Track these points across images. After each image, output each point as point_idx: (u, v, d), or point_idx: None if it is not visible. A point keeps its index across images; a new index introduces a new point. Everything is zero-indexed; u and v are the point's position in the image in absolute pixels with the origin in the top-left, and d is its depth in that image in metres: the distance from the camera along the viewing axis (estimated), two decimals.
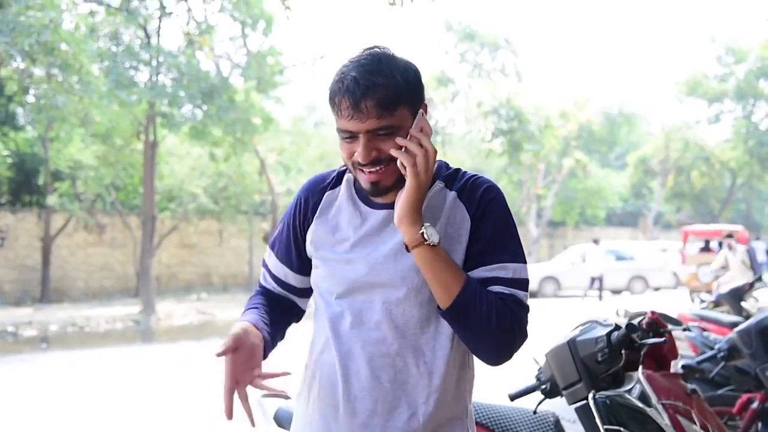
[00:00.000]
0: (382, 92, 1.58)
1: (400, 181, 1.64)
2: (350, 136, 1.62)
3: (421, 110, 1.65)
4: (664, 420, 2.51)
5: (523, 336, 1.65)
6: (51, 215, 20.28)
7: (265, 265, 1.91)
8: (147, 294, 17.10)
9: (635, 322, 2.73)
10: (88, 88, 14.39)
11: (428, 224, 1.60)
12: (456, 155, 29.25)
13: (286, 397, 2.98)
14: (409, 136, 1.61)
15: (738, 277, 12.28)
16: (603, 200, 33.79)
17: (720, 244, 13.53)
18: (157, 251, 19.76)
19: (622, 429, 2.32)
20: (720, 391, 4.14)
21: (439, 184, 1.72)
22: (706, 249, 21.21)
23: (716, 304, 6.75)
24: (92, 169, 19.69)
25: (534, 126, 26.34)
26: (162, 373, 9.45)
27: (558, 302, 20.36)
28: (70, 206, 19.77)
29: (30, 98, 16.38)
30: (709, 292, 12.15)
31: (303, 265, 1.83)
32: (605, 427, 2.33)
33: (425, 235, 1.58)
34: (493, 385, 3.77)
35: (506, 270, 1.65)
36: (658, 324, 2.93)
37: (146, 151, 17.43)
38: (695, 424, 2.81)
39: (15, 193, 21.12)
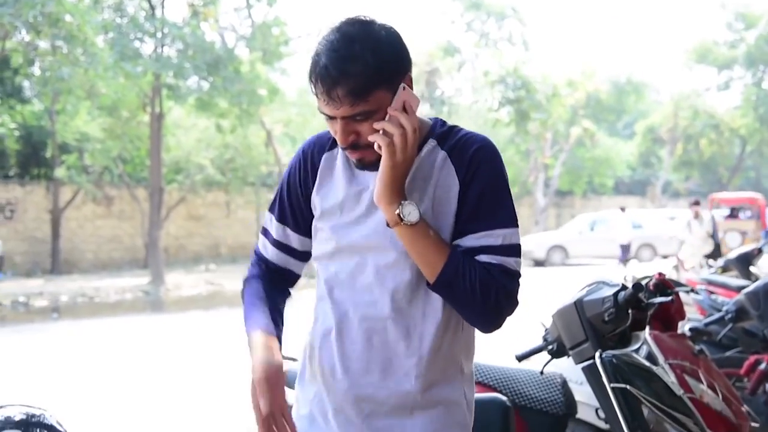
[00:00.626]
0: (353, 82, 1.53)
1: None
2: (329, 118, 1.60)
3: (403, 84, 1.59)
4: (670, 378, 2.52)
5: (511, 304, 1.62)
6: (59, 188, 20.34)
7: (264, 232, 1.88)
8: (156, 265, 17.18)
9: (643, 282, 2.74)
10: (94, 60, 14.36)
11: (407, 202, 1.57)
12: (463, 125, 28.79)
13: (293, 359, 3.01)
14: (387, 116, 1.57)
15: (701, 246, 12.44)
16: (611, 169, 33.63)
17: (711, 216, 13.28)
18: (165, 223, 19.82)
19: (628, 387, 2.32)
20: (727, 353, 4.15)
21: (431, 143, 1.68)
22: (732, 216, 21.47)
23: (724, 269, 6.76)
24: (99, 141, 19.71)
25: (541, 95, 26.15)
26: (172, 342, 9.53)
27: (566, 270, 20.37)
28: (78, 179, 19.81)
29: (35, 71, 16.36)
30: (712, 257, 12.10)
31: (304, 224, 1.81)
32: (612, 385, 2.34)
33: (401, 215, 1.56)
34: (501, 348, 3.79)
35: (495, 237, 1.61)
36: (665, 285, 2.93)
37: (152, 123, 17.42)
38: (702, 383, 2.82)
39: (23, 166, 21.17)
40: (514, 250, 1.63)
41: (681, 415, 2.34)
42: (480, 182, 1.63)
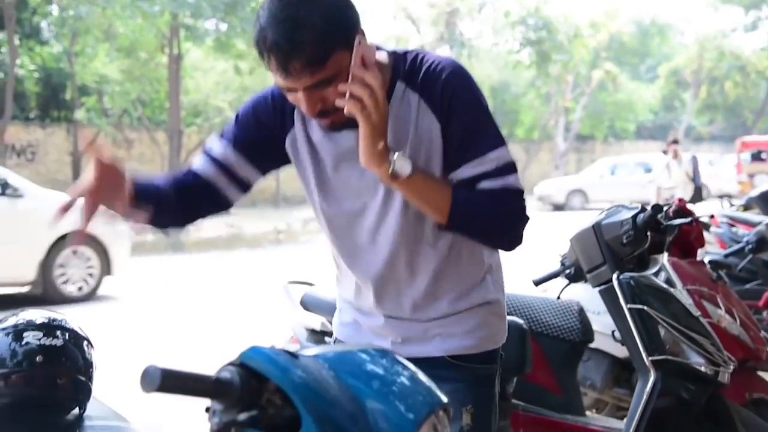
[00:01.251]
0: (308, 51, 1.43)
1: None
2: (289, 90, 1.51)
3: (357, 38, 1.49)
4: (688, 301, 2.52)
5: (524, 220, 1.63)
6: (79, 130, 20.41)
7: (206, 148, 1.78)
8: None
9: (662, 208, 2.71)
10: None
11: (396, 155, 1.51)
12: (483, 68, 28.78)
13: (311, 284, 3.06)
14: (350, 77, 1.47)
15: (680, 188, 11.71)
16: (632, 113, 33.21)
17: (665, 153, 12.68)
18: (185, 166, 19.86)
19: (645, 308, 2.32)
20: (747, 286, 4.14)
21: (400, 86, 1.61)
22: (757, 159, 21.70)
23: (746, 207, 6.70)
24: (118, 83, 19.68)
25: (563, 36, 25.75)
26: (192, 281, 9.64)
27: (586, 215, 20.26)
28: (98, 121, 19.86)
29: (53, 10, 16.27)
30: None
31: (256, 155, 1.74)
32: (628, 306, 2.34)
33: (395, 171, 1.51)
34: (517, 282, 3.79)
35: (489, 162, 1.58)
36: (685, 212, 2.91)
37: (171, 65, 17.37)
38: (720, 308, 2.82)
39: (43, 108, 21.24)
40: (510, 167, 1.60)
41: (698, 336, 2.34)
42: (458, 114, 1.59)
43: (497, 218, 1.59)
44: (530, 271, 3.12)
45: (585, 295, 3.42)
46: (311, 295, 2.92)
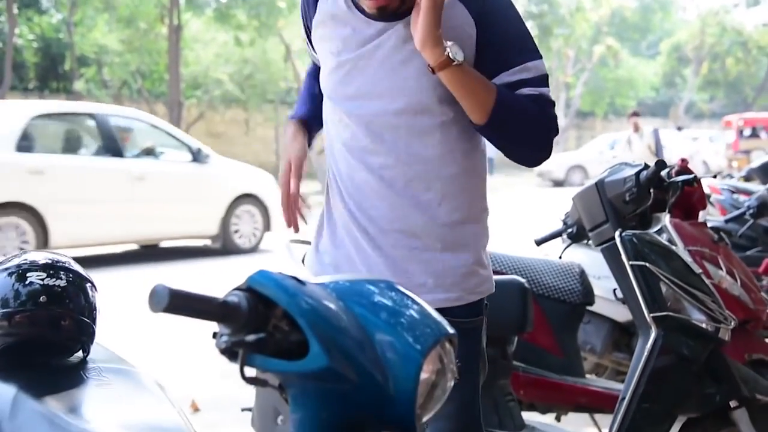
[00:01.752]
0: None
1: (403, 4, 1.58)
2: None
3: None
4: (689, 259, 2.52)
5: (556, 130, 1.65)
6: (79, 101, 20.34)
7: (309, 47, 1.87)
8: None
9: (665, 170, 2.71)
10: None
11: (451, 42, 1.52)
12: None
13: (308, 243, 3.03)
14: None
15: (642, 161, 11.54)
16: (633, 90, 33.10)
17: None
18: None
19: (647, 264, 2.32)
20: (747, 252, 4.15)
21: None
22: (754, 135, 22.63)
23: (747, 179, 6.71)
24: (117, 54, 19.59)
25: (565, 9, 25.57)
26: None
27: None
28: (97, 92, 19.80)
29: None
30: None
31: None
32: (630, 263, 2.34)
33: (451, 55, 1.51)
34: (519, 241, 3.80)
35: (529, 70, 1.61)
36: (687, 172, 2.90)
37: (170, 36, 17.27)
38: (721, 269, 2.83)
39: (42, 79, 21.16)
40: (546, 79, 1.64)
41: (699, 293, 2.34)
42: (500, 20, 1.61)
43: (535, 123, 1.61)
44: (530, 240, 3.12)
45: (586, 260, 3.43)
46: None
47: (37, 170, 7.73)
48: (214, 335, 1.00)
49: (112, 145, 8.48)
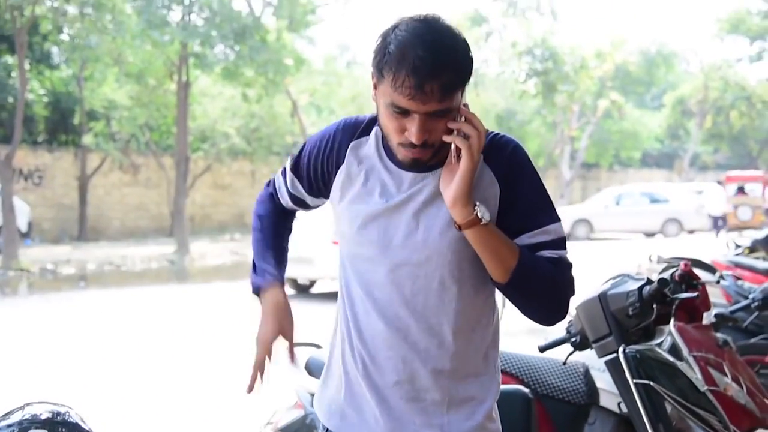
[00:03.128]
0: (449, 75, 1.51)
1: (434, 156, 1.62)
2: (402, 112, 1.55)
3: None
4: (695, 374, 2.51)
5: (573, 292, 1.68)
6: (87, 155, 20.52)
7: (284, 180, 1.90)
8: (181, 234, 17.33)
9: (668, 274, 2.71)
10: (121, 28, 14.41)
11: (478, 203, 1.57)
12: (489, 96, 28.89)
13: (317, 346, 3.01)
14: (461, 117, 1.57)
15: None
16: (638, 142, 33.25)
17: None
18: (191, 191, 19.95)
19: (651, 383, 2.31)
20: (753, 340, 4.12)
21: None
22: (741, 192, 24.20)
23: (751, 249, 6.68)
24: (126, 109, 19.81)
25: (569, 66, 25.84)
26: (196, 314, 9.64)
27: (591, 245, 20.26)
28: (105, 146, 19.98)
29: (64, 37, 16.42)
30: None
31: (318, 191, 1.84)
32: (635, 381, 2.33)
33: (479, 215, 1.56)
34: (523, 336, 3.79)
35: (548, 233, 1.65)
36: (690, 276, 2.90)
37: (179, 92, 17.46)
38: (727, 376, 2.81)
39: (51, 132, 21.37)
40: (564, 242, 1.68)
41: (704, 412, 2.33)
42: (525, 183, 1.66)
43: (554, 286, 1.64)
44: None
45: (590, 353, 3.41)
46: (317, 359, 2.86)
47: None
48: None
49: None
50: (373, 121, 1.75)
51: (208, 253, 17.56)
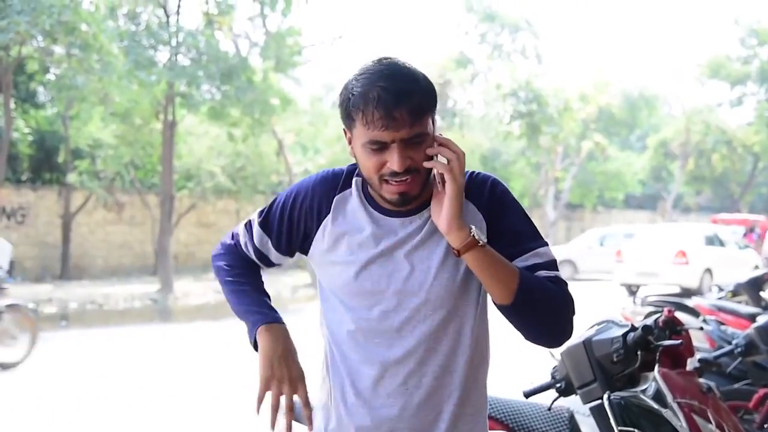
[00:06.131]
0: (415, 99, 1.57)
1: (423, 190, 1.66)
2: (380, 147, 1.59)
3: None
4: (679, 421, 2.51)
5: (574, 311, 1.69)
6: (71, 193, 20.43)
7: (248, 235, 1.89)
8: (165, 272, 17.22)
9: (651, 320, 2.73)
10: (108, 68, 14.44)
11: (472, 225, 1.61)
12: (474, 137, 29.12)
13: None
14: (435, 144, 1.62)
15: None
16: (622, 183, 33.54)
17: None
18: (175, 230, 19.86)
19: (636, 430, 2.31)
20: (737, 385, 4.13)
21: None
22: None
23: (734, 293, 6.72)
24: (111, 147, 19.79)
25: (553, 108, 26.13)
26: (179, 354, 9.54)
27: (575, 285, 20.27)
28: (89, 184, 19.90)
29: (50, 77, 16.44)
30: None
31: (288, 247, 1.84)
32: (619, 428, 2.33)
33: (476, 236, 1.59)
34: (508, 380, 3.78)
35: (540, 256, 1.68)
36: (674, 323, 2.92)
37: (165, 131, 17.48)
38: (711, 423, 2.81)
39: (35, 171, 21.28)
40: (556, 264, 1.71)
41: None
42: (508, 212, 1.71)
43: (557, 302, 1.65)
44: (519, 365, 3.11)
45: (576, 398, 3.41)
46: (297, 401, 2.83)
47: None
48: None
49: None
50: (351, 173, 1.78)
51: (192, 292, 17.45)
